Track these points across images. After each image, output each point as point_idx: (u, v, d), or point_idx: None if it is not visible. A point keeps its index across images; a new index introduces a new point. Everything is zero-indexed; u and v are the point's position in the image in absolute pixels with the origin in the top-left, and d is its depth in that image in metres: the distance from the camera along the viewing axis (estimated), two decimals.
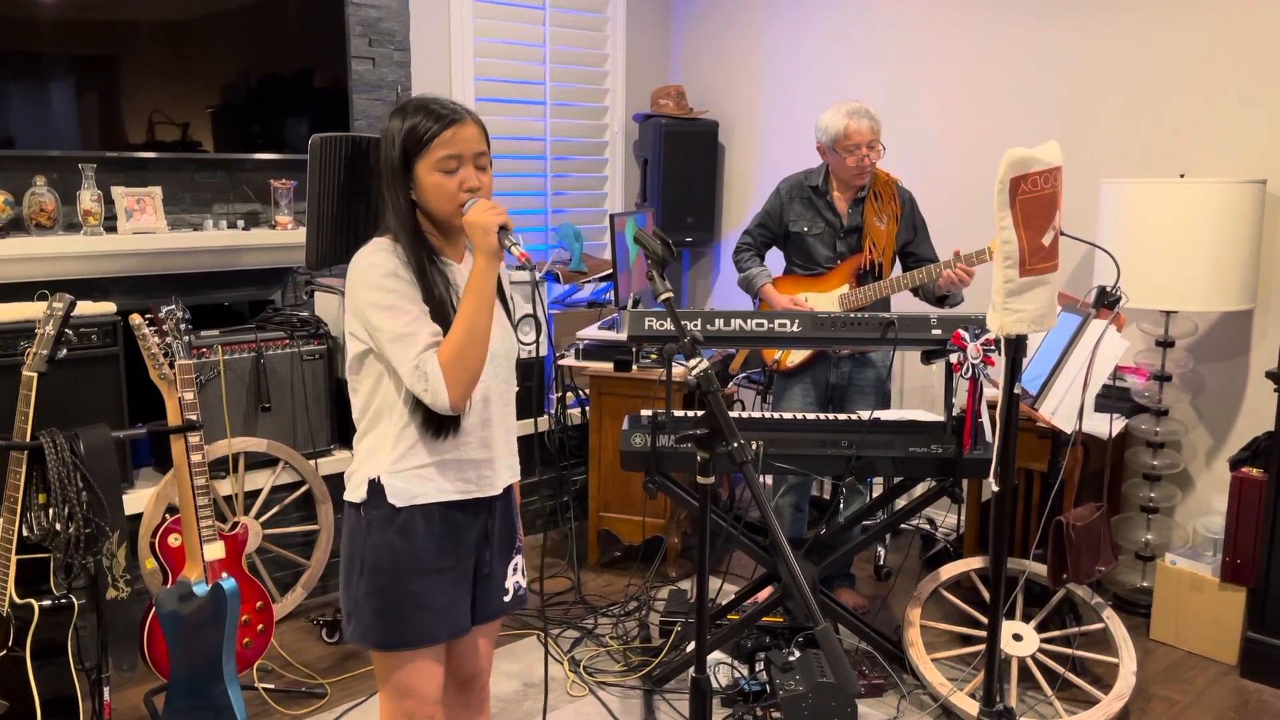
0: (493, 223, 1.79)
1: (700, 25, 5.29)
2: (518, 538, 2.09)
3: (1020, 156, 1.99)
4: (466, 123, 1.85)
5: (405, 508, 1.88)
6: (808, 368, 3.56)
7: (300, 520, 3.67)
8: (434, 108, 1.84)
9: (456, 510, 1.93)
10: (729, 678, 3.16)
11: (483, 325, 1.80)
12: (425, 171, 1.84)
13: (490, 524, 1.99)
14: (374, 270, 1.82)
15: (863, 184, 3.49)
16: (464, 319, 1.79)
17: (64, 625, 2.55)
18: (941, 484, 3.01)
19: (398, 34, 4.16)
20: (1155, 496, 3.66)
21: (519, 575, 2.09)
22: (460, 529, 1.94)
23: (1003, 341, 2.15)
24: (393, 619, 1.89)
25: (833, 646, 1.55)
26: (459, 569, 1.95)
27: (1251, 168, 3.52)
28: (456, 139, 1.83)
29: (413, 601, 1.89)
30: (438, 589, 1.91)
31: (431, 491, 1.89)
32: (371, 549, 1.89)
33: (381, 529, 1.89)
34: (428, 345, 1.79)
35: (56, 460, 2.52)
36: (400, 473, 1.89)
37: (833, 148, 3.41)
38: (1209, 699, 3.16)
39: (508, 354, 1.98)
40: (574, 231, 4.88)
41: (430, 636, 1.92)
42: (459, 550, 1.94)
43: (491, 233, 1.78)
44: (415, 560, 1.89)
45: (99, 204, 3.36)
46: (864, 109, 3.37)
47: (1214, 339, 3.69)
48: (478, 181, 1.85)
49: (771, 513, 1.65)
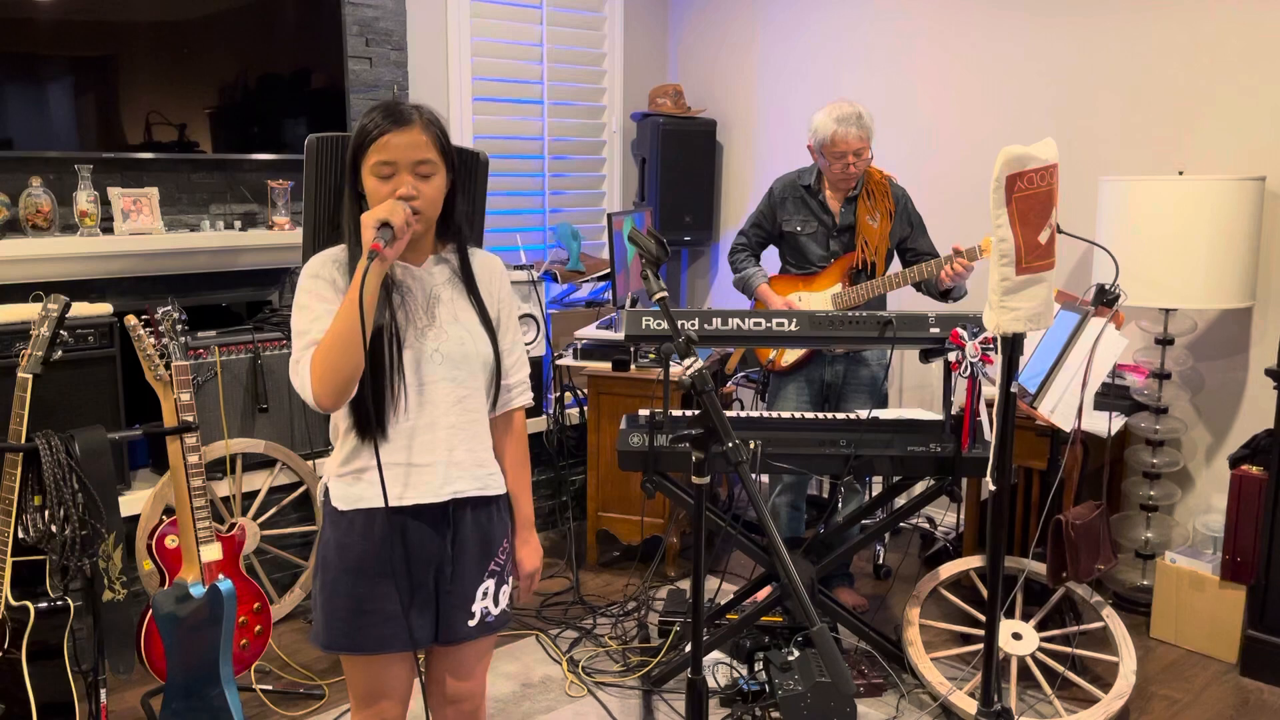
0: (377, 219, 1.70)
1: (698, 24, 5.28)
2: (495, 560, 1.96)
3: (1016, 154, 1.98)
4: (411, 128, 1.78)
5: (349, 510, 1.87)
6: (802, 367, 3.56)
7: (298, 521, 3.67)
8: (391, 108, 1.80)
9: (408, 516, 1.86)
10: (728, 677, 3.16)
11: (348, 326, 1.70)
12: (365, 174, 1.81)
13: (450, 534, 1.90)
14: (304, 272, 1.85)
15: (853, 185, 3.49)
16: (334, 321, 1.75)
17: (60, 627, 2.54)
18: (940, 483, 3.00)
19: (395, 34, 4.16)
20: (1155, 495, 3.65)
21: (489, 601, 1.95)
22: (411, 534, 1.87)
23: (999, 340, 2.14)
24: (338, 621, 1.87)
25: (828, 646, 1.54)
26: (412, 577, 1.88)
27: (1250, 165, 3.51)
28: (393, 145, 1.76)
29: (356, 605, 1.86)
30: (386, 594, 1.86)
31: (368, 496, 1.85)
32: (324, 545, 1.90)
33: (333, 528, 1.88)
34: (313, 341, 1.78)
35: (52, 462, 2.51)
36: (343, 476, 1.88)
37: (820, 151, 3.42)
38: (1209, 697, 3.15)
39: (467, 357, 1.88)
40: (572, 231, 4.87)
41: (379, 643, 1.87)
42: (411, 558, 1.87)
43: (369, 228, 1.70)
44: (359, 560, 1.85)
45: (95, 205, 3.36)
46: (855, 114, 3.34)
47: (1213, 336, 3.68)
48: (413, 190, 1.77)
49: (767, 512, 1.64)
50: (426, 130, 1.81)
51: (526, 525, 2.07)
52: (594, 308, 4.76)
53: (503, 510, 2.00)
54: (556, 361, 4.26)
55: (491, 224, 4.47)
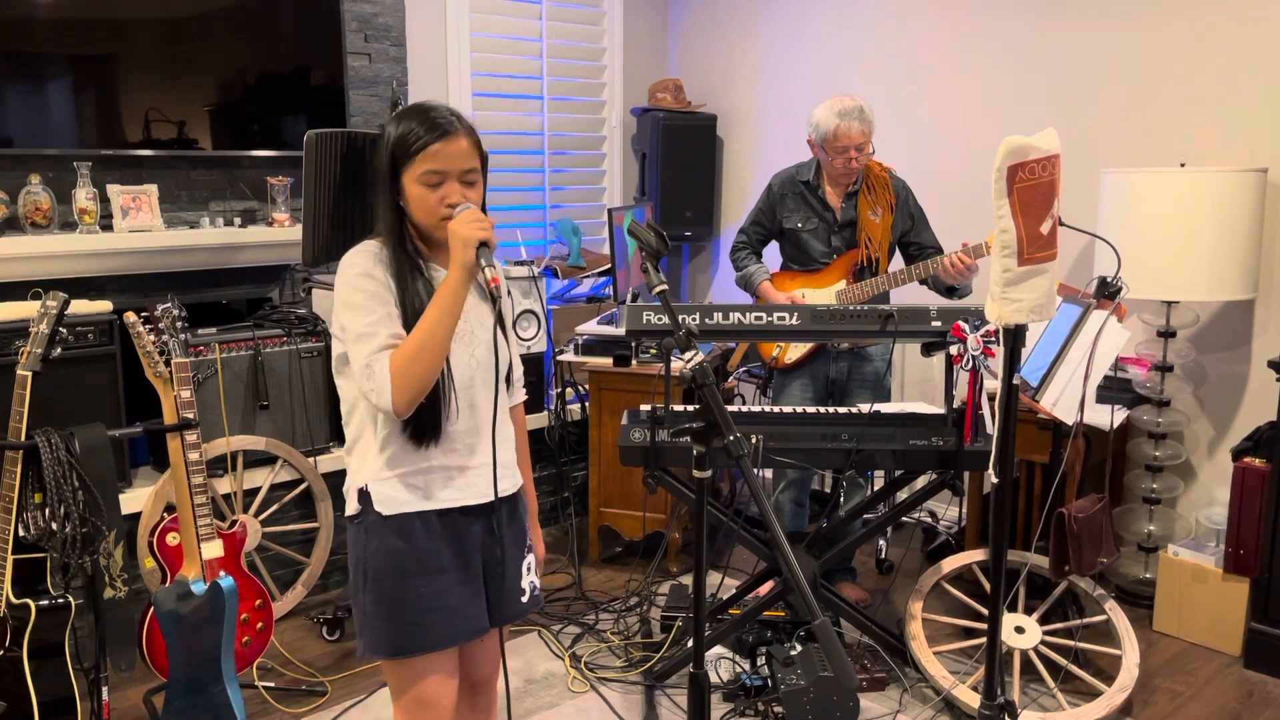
0: (474, 237, 1.74)
1: (698, 18, 5.27)
2: (528, 539, 2.06)
3: (1017, 144, 1.97)
4: (457, 137, 1.80)
5: (394, 515, 1.86)
6: (806, 364, 3.54)
7: (300, 518, 3.67)
8: (431, 116, 1.80)
9: (458, 514, 1.91)
10: (730, 672, 3.15)
11: (440, 336, 1.75)
12: (410, 182, 1.81)
13: (496, 522, 1.96)
14: (350, 269, 1.82)
15: (853, 180, 3.47)
16: (423, 326, 1.76)
17: (61, 625, 2.54)
18: (942, 476, 2.99)
19: (393, 29, 4.15)
20: (1157, 487, 3.65)
21: (533, 575, 2.06)
22: (461, 528, 1.91)
23: (1001, 331, 2.13)
24: (403, 624, 1.86)
25: (830, 640, 1.54)
26: (466, 569, 1.92)
27: (1252, 156, 3.50)
28: (443, 154, 1.79)
29: (421, 604, 1.86)
30: (446, 589, 1.88)
31: (418, 500, 1.87)
32: (372, 555, 1.87)
33: (379, 534, 1.87)
34: (383, 346, 1.77)
35: (52, 460, 2.51)
36: (387, 480, 1.87)
37: (822, 146, 3.40)
38: (1212, 690, 3.14)
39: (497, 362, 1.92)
40: (572, 226, 4.86)
41: (447, 639, 1.89)
42: (463, 549, 1.91)
43: (471, 247, 1.74)
44: (417, 561, 1.86)
45: (95, 202, 3.35)
46: (857, 108, 3.32)
47: (1215, 329, 3.67)
48: (461, 198, 1.81)
49: (769, 506, 1.63)
50: (469, 138, 1.83)
51: (534, 514, 2.16)
52: (595, 303, 4.75)
53: (523, 500, 2.09)
54: (558, 357, 4.25)
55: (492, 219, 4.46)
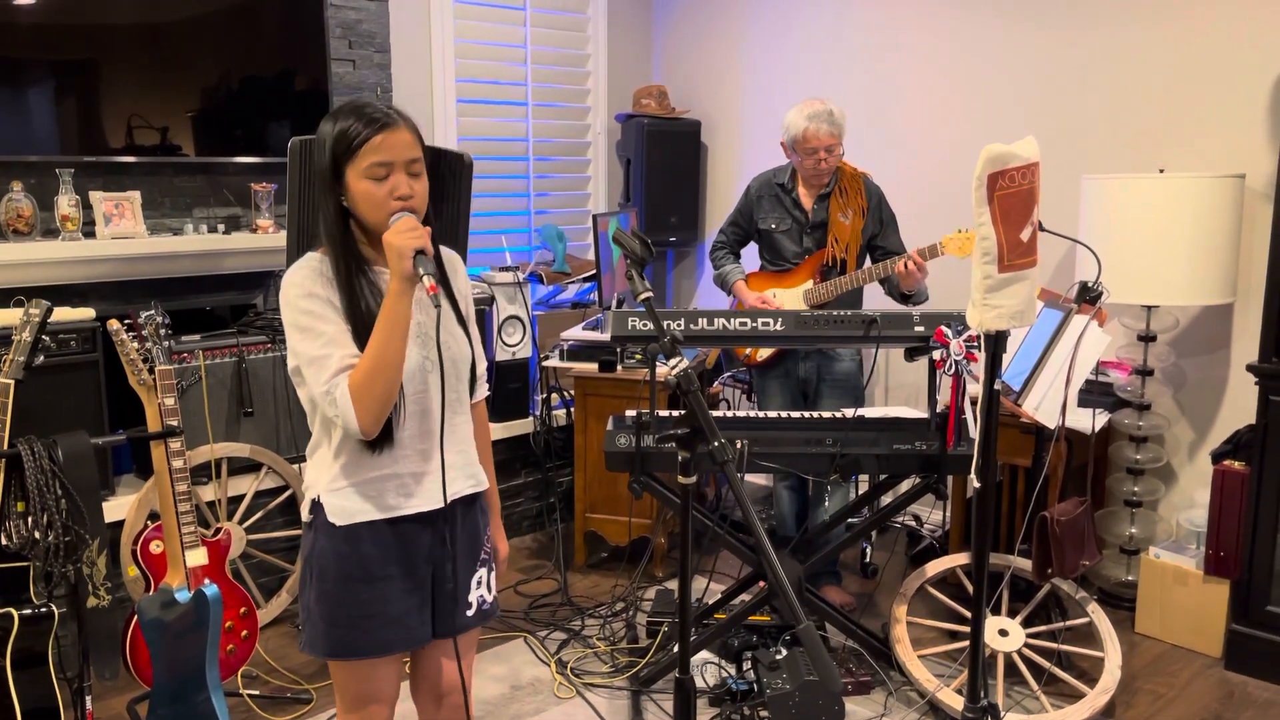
0: (408, 246, 1.70)
1: (682, 25, 5.29)
2: (483, 549, 2.02)
3: (997, 152, 1.99)
4: (399, 128, 1.77)
5: (346, 525, 1.85)
6: (779, 361, 3.62)
7: (284, 525, 3.65)
8: (367, 111, 1.78)
9: (405, 519, 1.89)
10: (716, 677, 3.16)
11: (392, 349, 1.73)
12: (355, 178, 1.77)
13: (448, 532, 1.93)
14: (291, 289, 1.79)
15: (825, 181, 3.52)
16: (374, 343, 1.73)
17: (44, 634, 2.52)
18: (926, 480, 3.01)
19: (377, 36, 4.15)
20: (1138, 490, 3.68)
21: (484, 589, 2.01)
22: (410, 536, 1.89)
23: (983, 337, 2.15)
24: (342, 628, 1.86)
25: (815, 644, 1.55)
26: (412, 577, 1.90)
27: (1230, 162, 3.54)
28: (386, 145, 1.75)
29: (360, 610, 1.86)
30: (387, 597, 1.87)
31: (370, 509, 1.85)
32: (318, 554, 1.87)
33: (328, 536, 1.86)
34: (339, 370, 1.75)
35: (34, 468, 2.49)
36: (338, 491, 1.86)
37: (793, 147, 3.49)
38: (1194, 692, 3.17)
39: (454, 360, 1.90)
40: (557, 232, 4.87)
41: (382, 646, 1.88)
42: (410, 558, 1.89)
43: (406, 257, 1.70)
44: (360, 567, 1.85)
45: (77, 209, 3.34)
46: (826, 111, 3.40)
47: (1195, 333, 3.70)
48: (409, 189, 1.77)
49: (753, 511, 1.64)
50: (410, 129, 1.81)
51: (496, 513, 2.13)
52: (580, 309, 4.76)
53: (483, 501, 2.04)
54: (543, 363, 4.26)
55: (476, 226, 4.46)
